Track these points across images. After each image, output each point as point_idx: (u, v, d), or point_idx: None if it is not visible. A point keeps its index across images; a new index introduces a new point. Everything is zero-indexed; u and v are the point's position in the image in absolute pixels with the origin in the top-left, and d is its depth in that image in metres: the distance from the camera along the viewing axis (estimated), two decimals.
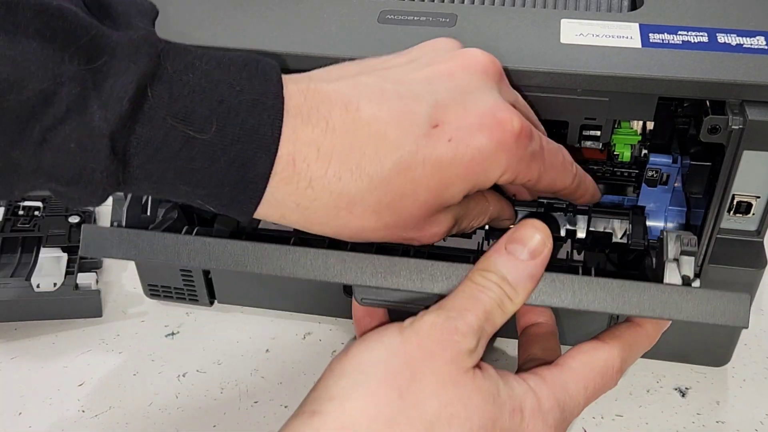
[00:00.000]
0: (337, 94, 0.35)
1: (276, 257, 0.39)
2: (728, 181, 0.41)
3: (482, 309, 0.35)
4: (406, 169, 0.35)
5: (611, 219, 0.47)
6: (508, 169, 0.36)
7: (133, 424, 0.48)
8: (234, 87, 0.33)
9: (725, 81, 0.39)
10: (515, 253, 0.36)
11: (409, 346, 0.34)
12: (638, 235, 0.45)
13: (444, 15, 0.45)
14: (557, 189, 0.41)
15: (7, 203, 0.60)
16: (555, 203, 0.48)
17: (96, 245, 0.41)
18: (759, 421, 0.48)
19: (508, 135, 0.35)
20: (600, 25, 0.43)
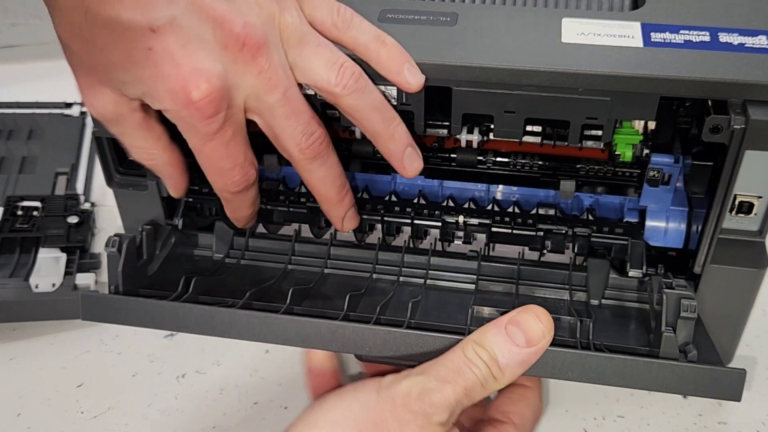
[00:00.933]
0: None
1: (271, 326, 0.41)
2: (730, 181, 0.41)
3: (464, 385, 0.36)
4: None
5: (611, 242, 0.47)
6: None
7: (132, 425, 0.48)
8: None
9: (727, 80, 0.39)
10: (513, 337, 0.37)
11: (382, 409, 0.36)
12: (636, 263, 0.45)
13: (445, 14, 0.45)
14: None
15: (6, 203, 0.60)
16: (554, 230, 0.48)
17: (96, 313, 0.43)
18: (761, 422, 0.48)
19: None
20: (601, 25, 0.43)
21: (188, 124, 0.38)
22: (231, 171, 0.41)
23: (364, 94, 0.41)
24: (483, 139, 0.48)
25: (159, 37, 0.36)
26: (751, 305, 0.46)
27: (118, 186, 0.51)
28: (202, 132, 0.38)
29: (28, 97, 0.73)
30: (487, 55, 0.41)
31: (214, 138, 0.39)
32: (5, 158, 0.68)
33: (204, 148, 0.39)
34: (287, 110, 0.40)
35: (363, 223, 0.51)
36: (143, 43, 0.36)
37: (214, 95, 0.37)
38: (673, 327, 0.39)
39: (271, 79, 0.39)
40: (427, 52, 0.42)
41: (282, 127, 0.40)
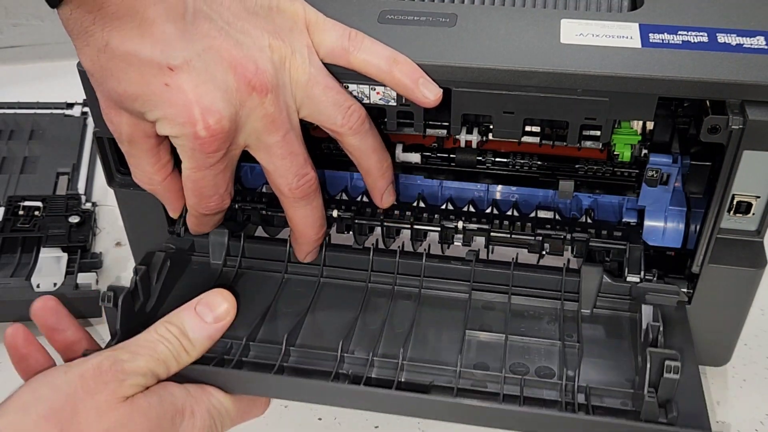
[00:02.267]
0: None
1: (263, 383, 0.41)
2: (728, 180, 0.41)
3: (156, 357, 0.38)
4: None
5: (608, 246, 0.48)
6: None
7: None
8: None
9: (725, 81, 0.39)
10: (202, 315, 0.40)
11: (72, 385, 0.36)
12: (634, 269, 0.45)
13: (444, 15, 0.45)
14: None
15: (8, 203, 0.60)
16: (553, 235, 0.48)
17: None
18: (759, 421, 0.48)
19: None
20: (600, 25, 0.43)
21: (188, 152, 0.40)
22: (210, 198, 0.43)
23: (367, 136, 0.44)
24: (482, 139, 0.48)
25: (175, 75, 0.37)
26: (749, 305, 0.46)
27: (119, 186, 0.51)
28: (200, 162, 0.40)
29: (29, 98, 0.74)
30: (487, 55, 0.42)
31: (209, 168, 0.41)
32: (6, 158, 0.68)
33: (195, 174, 0.41)
34: (284, 151, 0.42)
35: (363, 227, 0.51)
36: (160, 79, 0.37)
37: (220, 134, 0.39)
38: (655, 387, 0.38)
39: (275, 122, 0.40)
40: (426, 53, 0.42)
41: (276, 165, 0.42)
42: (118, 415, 0.36)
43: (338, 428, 0.48)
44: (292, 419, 0.48)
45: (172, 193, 0.45)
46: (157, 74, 0.37)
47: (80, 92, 0.44)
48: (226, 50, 0.38)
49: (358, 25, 0.44)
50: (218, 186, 0.42)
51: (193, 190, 0.42)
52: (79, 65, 0.43)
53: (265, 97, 0.39)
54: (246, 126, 0.40)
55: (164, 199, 0.45)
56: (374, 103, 0.44)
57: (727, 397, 0.49)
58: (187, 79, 0.38)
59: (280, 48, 0.40)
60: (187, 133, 0.38)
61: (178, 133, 0.39)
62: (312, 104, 0.42)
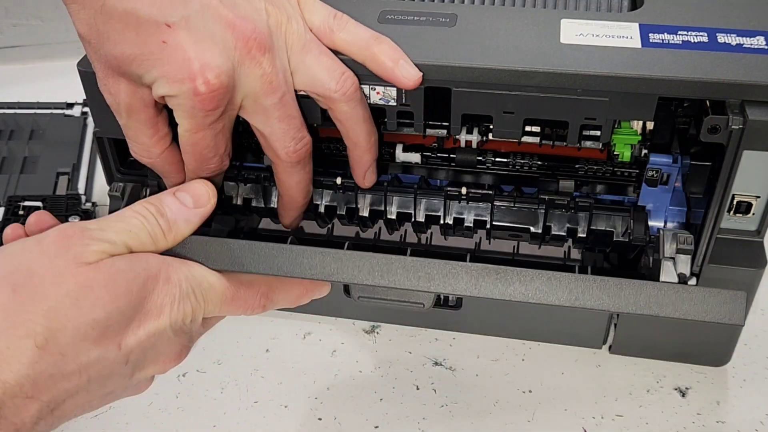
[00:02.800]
0: None
1: (273, 256, 0.39)
2: (728, 180, 0.41)
3: (128, 228, 0.37)
4: None
5: (612, 216, 0.47)
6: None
7: (132, 424, 0.48)
8: None
9: (725, 81, 0.39)
10: (181, 199, 0.40)
11: (29, 250, 0.35)
12: (640, 232, 0.45)
13: (444, 15, 0.45)
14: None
15: (8, 203, 0.60)
16: (557, 200, 0.48)
17: None
18: (759, 421, 0.48)
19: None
20: (600, 25, 0.43)
21: (187, 111, 0.39)
22: (211, 159, 0.42)
23: (358, 104, 0.43)
24: (482, 139, 0.48)
25: (173, 32, 0.37)
26: (749, 305, 0.46)
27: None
28: (198, 121, 0.40)
29: (29, 98, 0.74)
30: (487, 55, 0.42)
31: (207, 128, 0.40)
32: (7, 158, 0.68)
33: (194, 136, 0.41)
34: (281, 113, 0.41)
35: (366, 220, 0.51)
36: (157, 37, 0.37)
37: (219, 90, 0.38)
38: (672, 259, 0.38)
39: (272, 83, 0.40)
40: (426, 53, 0.42)
41: (273, 128, 0.42)
42: (79, 277, 0.34)
43: (338, 428, 0.48)
44: (292, 419, 0.49)
45: (171, 165, 0.44)
46: (155, 32, 0.37)
47: (80, 92, 0.45)
48: (224, 10, 0.38)
49: None
50: (218, 146, 0.42)
51: (193, 153, 0.42)
52: (79, 65, 0.43)
53: (263, 56, 0.39)
54: (243, 86, 0.40)
55: (163, 173, 0.45)
56: (374, 103, 0.44)
57: (728, 397, 0.49)
58: (185, 36, 0.37)
59: (275, 13, 0.41)
60: (186, 90, 0.38)
61: (177, 91, 0.38)
62: (306, 69, 0.42)
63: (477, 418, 0.49)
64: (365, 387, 0.50)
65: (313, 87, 0.42)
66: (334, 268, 0.39)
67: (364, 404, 0.49)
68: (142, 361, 0.37)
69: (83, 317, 0.34)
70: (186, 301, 0.38)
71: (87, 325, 0.34)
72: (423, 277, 0.38)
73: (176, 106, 0.39)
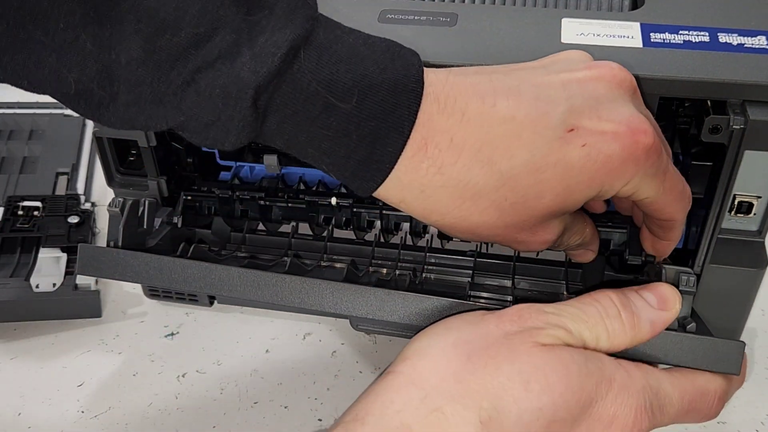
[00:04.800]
0: (474, 87, 0.35)
1: (272, 285, 0.39)
2: (729, 181, 0.41)
3: (584, 318, 0.35)
4: (536, 170, 0.35)
5: (610, 231, 0.47)
6: (632, 180, 0.36)
7: (132, 424, 0.48)
8: (378, 65, 0.34)
9: (726, 81, 0.39)
10: (646, 298, 0.37)
11: (487, 323, 0.35)
12: (635, 250, 0.45)
13: (444, 14, 0.45)
14: (666, 217, 0.40)
15: (7, 203, 0.60)
16: None
17: (93, 266, 0.42)
18: (760, 421, 0.48)
19: (640, 147, 0.35)
20: (601, 25, 0.43)
21: (648, 171, 0.36)
22: (684, 185, 0.39)
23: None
24: None
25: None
26: (750, 305, 0.46)
27: (118, 186, 0.51)
28: (660, 169, 0.37)
29: (28, 98, 0.73)
30: (487, 55, 0.42)
31: (668, 170, 0.38)
32: (6, 158, 0.68)
33: (665, 186, 0.38)
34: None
35: (361, 220, 0.51)
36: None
37: (654, 133, 0.36)
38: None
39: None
40: (426, 53, 0.42)
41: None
42: (533, 358, 0.33)
43: None
44: (292, 420, 0.48)
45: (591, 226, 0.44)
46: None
47: None
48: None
49: (359, 24, 0.44)
50: (679, 179, 0.39)
51: (671, 196, 0.38)
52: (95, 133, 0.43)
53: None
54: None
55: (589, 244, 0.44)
56: None
57: None
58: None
59: None
60: (638, 155, 0.35)
61: (629, 168, 0.35)
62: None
63: None
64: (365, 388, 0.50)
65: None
66: (333, 302, 0.39)
67: None
68: None
69: (530, 402, 0.33)
70: (643, 416, 0.35)
71: (532, 413, 0.32)
72: (419, 315, 0.38)
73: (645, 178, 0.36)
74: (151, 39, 0.31)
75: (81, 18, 0.31)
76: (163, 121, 0.33)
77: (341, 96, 0.33)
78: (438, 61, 0.41)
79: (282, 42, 0.32)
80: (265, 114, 0.33)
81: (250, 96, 0.32)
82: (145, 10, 0.31)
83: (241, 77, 0.32)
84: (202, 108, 0.32)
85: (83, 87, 0.33)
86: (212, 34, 0.32)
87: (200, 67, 0.32)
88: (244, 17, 0.32)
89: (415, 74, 0.34)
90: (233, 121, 0.33)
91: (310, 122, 0.33)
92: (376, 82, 0.33)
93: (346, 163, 0.35)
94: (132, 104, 0.33)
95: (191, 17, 0.31)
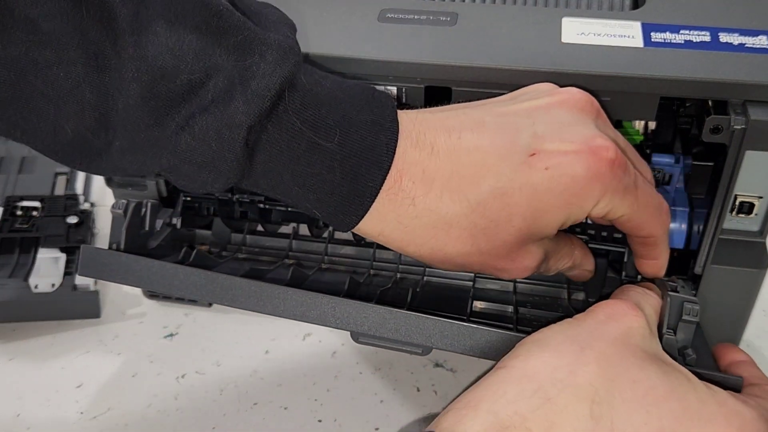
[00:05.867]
0: (442, 122, 0.37)
1: (274, 298, 0.39)
2: (731, 181, 0.41)
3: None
4: (502, 194, 0.36)
5: (608, 249, 0.47)
6: (602, 199, 0.37)
7: (131, 425, 0.48)
8: (355, 107, 0.36)
9: (727, 81, 0.39)
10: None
11: (596, 317, 0.36)
12: (631, 271, 0.45)
13: (444, 14, 0.45)
14: (645, 233, 0.40)
15: (6, 203, 0.60)
16: None
17: (94, 268, 0.42)
18: None
19: (603, 163, 0.36)
20: (601, 24, 0.43)
21: (617, 188, 0.37)
22: (659, 201, 0.40)
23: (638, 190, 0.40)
24: None
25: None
26: (751, 305, 0.46)
27: (117, 186, 0.51)
28: (628, 185, 0.38)
29: None
30: (487, 55, 0.41)
31: (639, 186, 0.38)
32: (5, 158, 0.68)
33: (638, 201, 0.38)
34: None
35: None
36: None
37: (617, 149, 0.37)
38: (673, 330, 0.39)
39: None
40: (427, 52, 0.42)
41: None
42: (644, 364, 0.34)
43: (339, 430, 0.48)
44: (291, 421, 0.48)
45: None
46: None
47: None
48: None
49: (359, 24, 0.44)
50: (653, 194, 0.40)
51: (647, 213, 0.39)
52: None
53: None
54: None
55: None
56: None
57: None
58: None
59: None
60: (602, 172, 0.36)
61: (595, 186, 0.36)
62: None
63: None
64: (365, 389, 0.50)
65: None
66: (335, 316, 0.39)
67: (365, 406, 0.49)
68: None
69: (639, 405, 0.33)
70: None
71: (640, 416, 0.33)
72: (418, 334, 0.38)
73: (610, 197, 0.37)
74: (149, 86, 0.32)
75: (83, 67, 0.32)
76: (156, 165, 0.35)
77: (324, 135, 0.35)
78: (438, 61, 0.41)
79: (272, 85, 0.34)
80: (253, 153, 0.35)
81: (242, 136, 0.33)
82: (144, 59, 0.32)
83: (234, 120, 0.33)
84: (196, 150, 0.34)
85: (79, 136, 0.34)
86: (206, 80, 0.33)
87: (194, 112, 0.33)
88: (235, 63, 0.33)
89: (389, 114, 0.36)
90: (225, 162, 0.34)
91: (296, 160, 0.35)
92: (355, 122, 0.35)
93: (329, 199, 0.36)
94: (127, 150, 0.34)
95: (187, 65, 0.33)
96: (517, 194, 0.36)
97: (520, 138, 0.36)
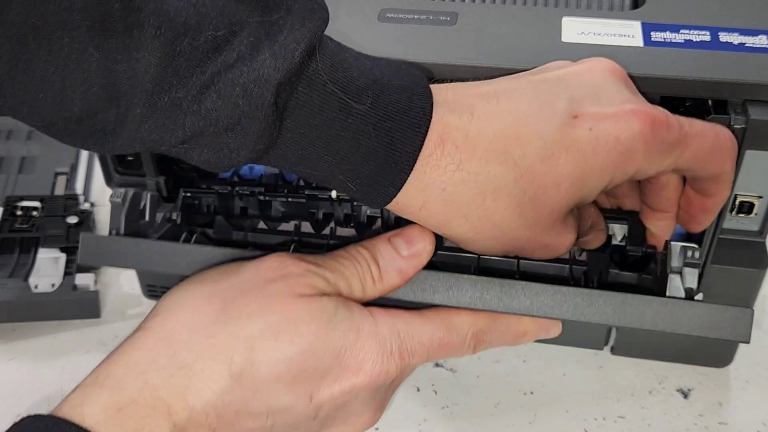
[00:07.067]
0: (475, 89, 0.36)
1: None
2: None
3: (340, 269, 0.37)
4: (549, 156, 0.35)
5: (611, 224, 0.47)
6: (647, 159, 0.36)
7: None
8: (384, 74, 0.34)
9: (727, 80, 0.39)
10: (396, 246, 0.38)
11: (245, 271, 0.35)
12: (636, 241, 0.45)
13: (445, 13, 0.45)
14: (715, 171, 0.38)
15: (5, 203, 0.60)
16: None
17: (94, 254, 0.41)
18: (761, 422, 0.48)
19: (646, 124, 0.35)
20: (602, 24, 0.43)
21: (661, 147, 0.36)
22: (717, 133, 0.38)
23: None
24: None
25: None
26: (751, 305, 0.46)
27: (117, 186, 0.51)
28: (674, 140, 0.36)
29: None
30: (487, 54, 0.41)
31: (687, 132, 0.37)
32: (4, 158, 0.68)
33: (692, 149, 0.37)
34: None
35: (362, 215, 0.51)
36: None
37: (656, 108, 0.36)
38: (679, 273, 0.38)
39: None
40: (427, 52, 0.42)
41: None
42: (286, 308, 0.34)
43: None
44: None
45: None
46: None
47: None
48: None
49: (358, 24, 0.44)
50: (706, 133, 0.37)
51: (704, 155, 0.37)
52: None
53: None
54: None
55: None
56: None
57: (730, 399, 0.49)
58: None
59: None
60: (645, 133, 0.35)
61: (639, 147, 0.35)
62: None
63: (478, 419, 0.49)
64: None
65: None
66: None
67: None
68: (332, 419, 0.36)
69: (280, 352, 0.33)
70: (390, 359, 0.36)
71: (282, 363, 0.33)
72: (427, 290, 0.38)
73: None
74: (172, 44, 0.30)
75: (87, 30, 0.30)
76: (179, 132, 0.32)
77: (356, 97, 0.33)
78: (438, 61, 0.41)
79: (301, 39, 0.32)
80: (283, 117, 0.33)
81: (272, 93, 0.31)
82: (166, 14, 0.30)
83: (262, 74, 0.31)
84: (223, 110, 0.31)
85: (88, 109, 0.31)
86: (231, 37, 0.31)
87: (220, 70, 0.31)
88: (261, 18, 0.32)
89: (421, 81, 0.35)
90: (254, 122, 0.32)
91: (329, 124, 0.33)
92: (386, 86, 0.34)
93: (364, 168, 0.34)
94: (147, 118, 0.32)
95: (210, 20, 0.31)
96: (564, 156, 0.35)
97: (558, 102, 0.35)
